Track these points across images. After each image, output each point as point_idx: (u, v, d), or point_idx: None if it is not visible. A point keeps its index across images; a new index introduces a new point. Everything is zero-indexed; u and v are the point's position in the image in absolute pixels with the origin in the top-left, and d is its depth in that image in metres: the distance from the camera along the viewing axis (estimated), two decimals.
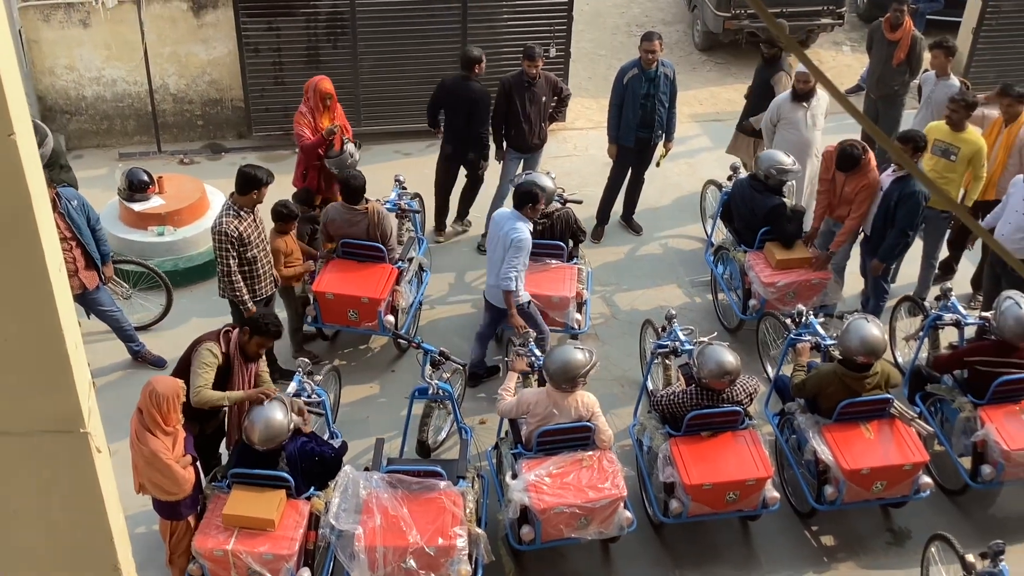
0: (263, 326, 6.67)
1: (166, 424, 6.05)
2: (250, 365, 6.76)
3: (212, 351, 6.56)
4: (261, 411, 6.36)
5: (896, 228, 8.20)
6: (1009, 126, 8.84)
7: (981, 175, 8.74)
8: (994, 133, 8.94)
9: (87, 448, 3.86)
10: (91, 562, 4.23)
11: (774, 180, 8.72)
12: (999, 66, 12.54)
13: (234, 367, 6.66)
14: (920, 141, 8.22)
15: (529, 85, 9.45)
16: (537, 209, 7.93)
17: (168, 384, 6.10)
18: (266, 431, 6.31)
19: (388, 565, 6.16)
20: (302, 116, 8.95)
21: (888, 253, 8.36)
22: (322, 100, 8.94)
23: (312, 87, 8.98)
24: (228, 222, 7.46)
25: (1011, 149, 8.83)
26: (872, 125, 2.69)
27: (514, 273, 7.69)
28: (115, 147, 11.51)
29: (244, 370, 6.72)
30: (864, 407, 7.02)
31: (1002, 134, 8.86)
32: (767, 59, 10.04)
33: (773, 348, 8.45)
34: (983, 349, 7.36)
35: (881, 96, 10.73)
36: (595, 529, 6.56)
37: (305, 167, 9.08)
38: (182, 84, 11.38)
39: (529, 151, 9.78)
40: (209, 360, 6.53)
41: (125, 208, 9.37)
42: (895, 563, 7.14)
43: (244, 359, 6.71)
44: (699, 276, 9.77)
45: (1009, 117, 8.84)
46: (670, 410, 6.98)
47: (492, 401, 7.53)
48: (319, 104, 8.94)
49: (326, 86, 8.97)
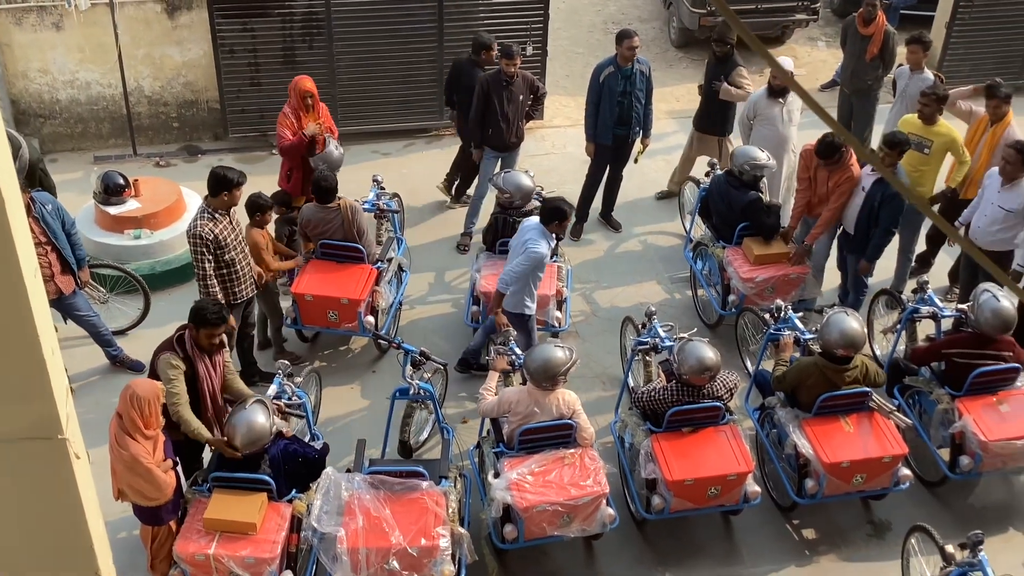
0: (204, 316, 6.56)
1: (146, 428, 6.01)
2: (215, 358, 6.72)
3: (171, 362, 6.51)
4: (243, 415, 6.33)
5: (880, 228, 8.25)
6: (995, 126, 8.90)
7: (966, 160, 8.85)
8: (979, 131, 9.00)
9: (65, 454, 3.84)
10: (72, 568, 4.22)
11: (748, 176, 8.76)
12: (972, 60, 12.66)
13: (198, 368, 6.62)
14: (906, 145, 8.27)
15: (507, 84, 9.46)
16: (564, 227, 7.78)
17: (148, 387, 6.07)
18: (248, 435, 6.29)
19: (371, 566, 6.15)
20: (285, 117, 8.91)
21: (875, 253, 8.42)
22: (303, 99, 8.89)
23: (293, 87, 8.94)
24: (203, 225, 7.42)
25: (995, 148, 8.89)
26: (837, 124, 2.71)
27: (512, 276, 7.59)
28: (90, 150, 11.42)
29: (208, 364, 6.67)
30: (843, 400, 7.06)
31: (987, 133, 8.92)
32: (719, 57, 9.97)
33: (752, 343, 8.48)
34: (960, 341, 7.41)
35: (855, 91, 10.79)
36: (578, 526, 6.58)
37: (289, 168, 9.05)
38: (157, 86, 11.31)
39: (507, 149, 9.79)
40: (172, 372, 6.48)
41: (101, 212, 9.30)
42: (876, 555, 7.18)
43: (204, 354, 6.66)
44: (678, 272, 9.80)
45: (995, 117, 8.90)
46: (651, 407, 7.00)
47: (474, 400, 7.53)
48: (301, 104, 8.90)
49: (306, 85, 8.93)
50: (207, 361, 6.66)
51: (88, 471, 4.14)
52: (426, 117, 11.81)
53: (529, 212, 8.53)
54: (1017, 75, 12.70)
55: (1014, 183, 8.15)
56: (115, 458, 6.03)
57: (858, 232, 8.43)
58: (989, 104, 8.91)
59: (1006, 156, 8.16)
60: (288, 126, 8.87)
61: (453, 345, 8.78)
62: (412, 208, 10.37)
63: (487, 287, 8.19)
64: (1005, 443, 7.05)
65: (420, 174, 11.16)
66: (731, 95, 9.89)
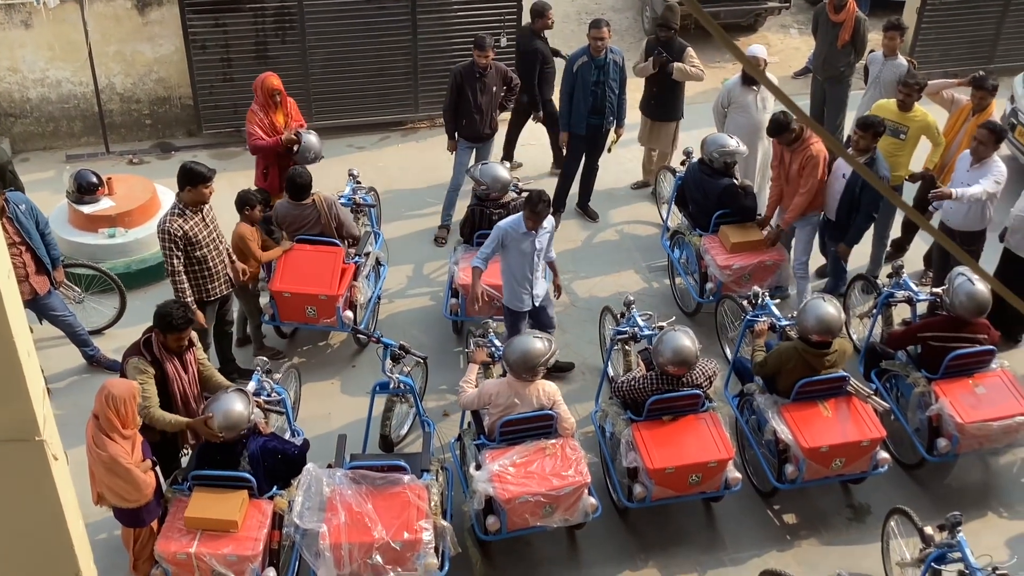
0: (168, 321, 6.50)
1: (124, 428, 5.97)
2: (185, 358, 6.69)
3: (138, 366, 6.47)
4: (221, 402, 6.33)
5: (861, 212, 8.31)
6: (976, 115, 8.97)
7: (940, 141, 8.95)
8: (961, 119, 9.06)
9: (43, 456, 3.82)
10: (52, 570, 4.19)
11: (719, 163, 8.80)
12: (943, 46, 12.75)
13: (167, 369, 6.58)
14: (879, 127, 8.32)
15: (480, 75, 9.45)
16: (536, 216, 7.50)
17: (123, 387, 6.01)
18: (225, 420, 6.27)
19: (354, 562, 6.15)
20: (253, 115, 8.86)
21: (856, 237, 8.49)
22: (270, 97, 8.84)
23: (259, 85, 8.88)
24: (172, 221, 7.38)
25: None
26: (803, 113, 2.72)
27: (482, 254, 7.64)
28: (62, 149, 11.32)
29: (178, 365, 6.63)
30: (821, 385, 7.11)
31: (968, 122, 8.99)
32: (663, 42, 9.92)
33: (731, 330, 8.53)
34: (935, 325, 7.48)
35: (828, 78, 10.83)
36: (560, 516, 6.59)
37: (265, 166, 8.99)
38: (129, 83, 11.21)
39: (481, 140, 9.79)
40: (141, 377, 6.44)
41: (74, 211, 9.22)
42: (856, 538, 7.25)
43: (172, 355, 6.62)
44: (656, 261, 9.82)
45: (979, 108, 8.97)
46: (631, 396, 7.02)
47: (454, 393, 7.53)
48: (268, 101, 8.85)
49: (273, 82, 8.87)
50: (176, 362, 6.62)
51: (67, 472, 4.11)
52: (401, 110, 11.78)
53: (506, 204, 8.53)
54: (987, 60, 12.81)
55: (983, 163, 8.23)
56: (93, 460, 5.98)
57: (839, 218, 8.48)
58: (975, 95, 8.97)
59: (978, 135, 8.24)
60: (258, 123, 8.80)
61: (432, 338, 8.78)
62: (388, 202, 10.34)
63: (465, 279, 8.18)
64: (981, 424, 7.12)
65: (396, 167, 11.14)
66: (686, 74, 9.89)
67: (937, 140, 8.96)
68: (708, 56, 13.30)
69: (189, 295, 7.49)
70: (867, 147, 8.23)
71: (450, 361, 8.56)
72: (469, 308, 8.27)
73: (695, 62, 9.91)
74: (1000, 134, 8.25)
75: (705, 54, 13.35)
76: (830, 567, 6.81)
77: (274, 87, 8.85)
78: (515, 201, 8.58)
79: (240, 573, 6.08)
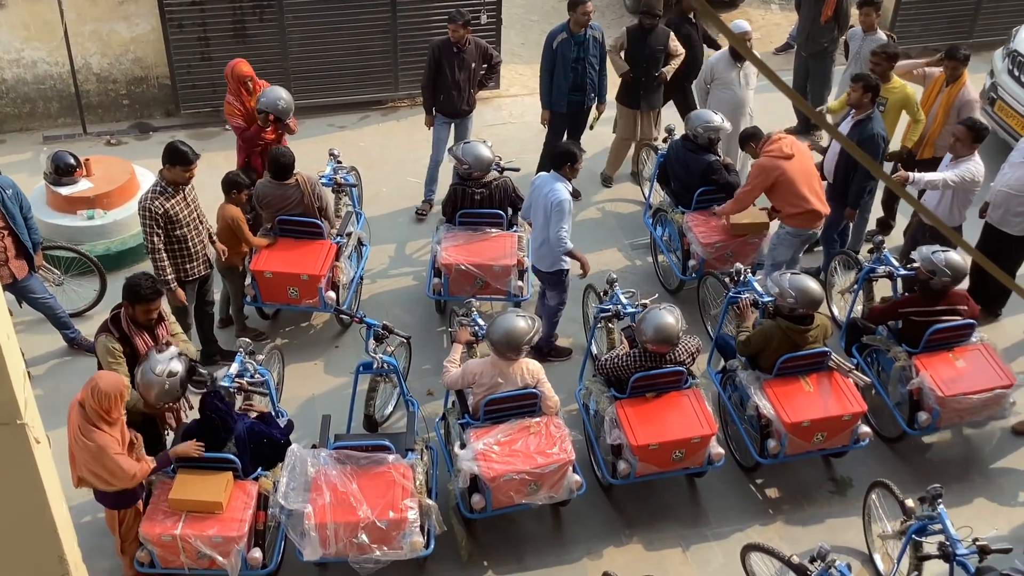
0: (136, 292, 6.46)
1: (110, 416, 5.95)
2: (156, 332, 6.66)
3: (108, 346, 6.46)
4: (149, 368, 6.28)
5: (859, 171, 8.31)
6: (950, 86, 8.99)
7: (920, 118, 8.95)
8: (935, 91, 9.08)
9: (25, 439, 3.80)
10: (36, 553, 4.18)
11: (703, 139, 8.79)
12: (923, 20, 12.75)
13: (136, 344, 6.55)
14: (871, 80, 8.32)
15: (458, 51, 9.39)
16: (576, 169, 7.83)
17: (112, 381, 5.94)
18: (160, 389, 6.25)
19: (340, 541, 6.16)
20: (231, 105, 8.75)
21: (857, 197, 8.49)
22: (242, 84, 8.73)
23: (229, 73, 8.78)
24: (153, 199, 7.34)
25: (951, 109, 8.98)
26: (788, 87, 2.72)
27: (564, 234, 7.71)
28: (39, 130, 11.20)
29: (148, 340, 6.60)
30: (803, 361, 7.15)
31: (942, 93, 9.01)
32: (646, 29, 9.74)
33: (714, 307, 8.55)
34: (915, 299, 7.52)
35: (811, 54, 10.84)
36: (545, 494, 6.62)
37: (247, 154, 8.91)
38: (105, 63, 11.09)
39: (458, 116, 9.74)
40: (110, 357, 6.43)
41: (52, 193, 9.14)
42: (838, 511, 7.31)
43: (141, 330, 6.59)
44: (638, 239, 9.83)
45: (952, 78, 8.99)
46: (615, 373, 7.04)
47: (438, 373, 7.53)
48: (240, 88, 8.73)
49: (243, 69, 8.75)
50: (146, 336, 6.60)
51: (49, 455, 4.10)
52: (381, 89, 11.71)
53: (488, 183, 8.50)
54: (967, 35, 12.83)
55: (960, 160, 8.15)
56: (79, 447, 5.92)
57: (837, 180, 8.51)
58: (948, 65, 8.99)
59: (956, 132, 8.19)
60: (238, 112, 8.70)
61: (416, 318, 8.77)
62: (370, 181, 10.30)
63: (448, 259, 8.17)
64: (961, 398, 7.17)
65: (376, 146, 11.08)
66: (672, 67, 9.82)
67: (916, 116, 8.96)
68: None
69: (169, 273, 7.45)
70: (859, 101, 8.26)
71: (434, 341, 8.56)
72: (453, 287, 8.26)
73: (674, 45, 9.87)
74: (979, 132, 8.07)
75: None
76: (812, 540, 6.87)
77: (244, 74, 8.74)
78: (497, 180, 8.55)
79: (226, 554, 6.08)
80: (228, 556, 6.08)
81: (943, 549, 5.93)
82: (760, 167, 8.24)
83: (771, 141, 8.29)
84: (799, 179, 8.14)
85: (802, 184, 8.14)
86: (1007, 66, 10.65)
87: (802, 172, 8.19)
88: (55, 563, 4.17)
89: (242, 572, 6.19)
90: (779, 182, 8.16)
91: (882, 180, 2.92)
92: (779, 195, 8.22)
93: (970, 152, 8.12)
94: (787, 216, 8.29)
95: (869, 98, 8.30)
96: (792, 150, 8.21)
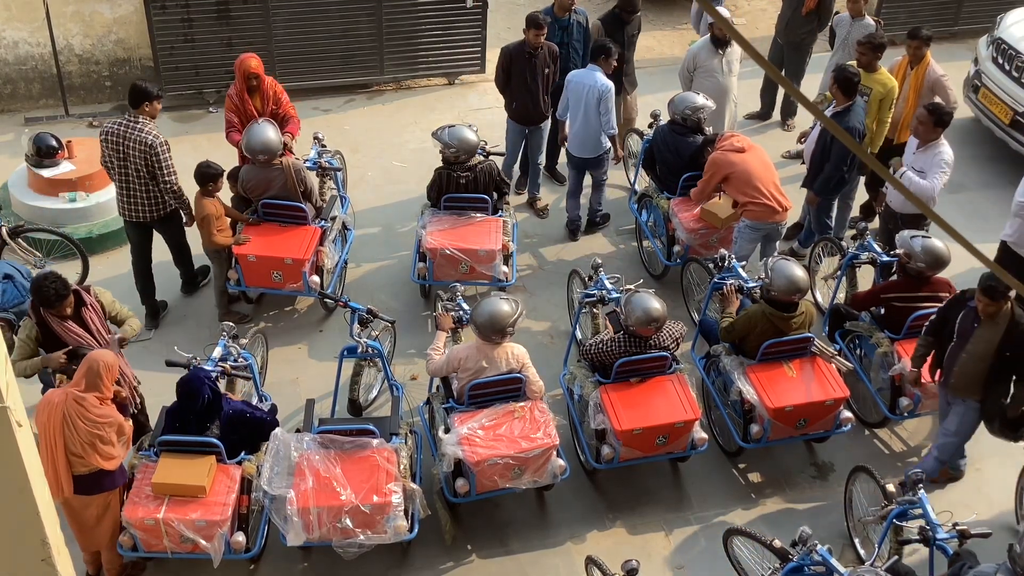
0: (44, 295, 6.38)
1: (106, 392, 5.97)
2: (83, 316, 6.59)
3: (25, 327, 6.56)
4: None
5: (831, 162, 8.36)
6: (915, 68, 9.01)
7: (885, 119, 8.91)
8: (900, 74, 9.09)
9: (7, 422, 3.78)
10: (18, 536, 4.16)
11: (691, 120, 8.80)
12: (909, 6, 12.76)
13: (55, 329, 6.51)
14: (846, 73, 8.32)
15: (530, 56, 9.12)
16: (610, 62, 8.81)
17: (110, 356, 6.04)
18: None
19: (323, 526, 6.16)
20: (229, 99, 8.59)
21: (824, 186, 8.53)
22: (246, 81, 8.46)
23: (237, 67, 8.52)
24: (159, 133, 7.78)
25: (921, 90, 9.00)
26: (779, 74, 2.73)
27: (613, 118, 8.85)
28: (20, 112, 11.10)
29: (72, 325, 6.55)
30: (786, 346, 7.18)
31: (909, 75, 9.03)
32: (627, 24, 9.74)
33: (698, 293, 8.57)
34: (897, 285, 7.55)
35: (788, 42, 10.77)
36: (529, 478, 6.64)
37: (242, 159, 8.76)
38: (87, 44, 10.99)
39: (531, 124, 9.51)
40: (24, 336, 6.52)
41: (34, 175, 9.07)
42: (820, 496, 7.36)
43: (63, 318, 6.53)
44: (623, 224, 9.83)
45: (915, 59, 9.02)
46: (599, 358, 7.06)
47: (422, 357, 7.53)
48: (244, 85, 8.47)
49: (250, 65, 8.43)
50: (69, 323, 6.54)
51: (31, 438, 4.08)
52: (366, 72, 11.64)
53: (473, 167, 8.48)
54: (952, 22, 12.86)
55: (928, 147, 8.13)
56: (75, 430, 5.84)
57: (813, 165, 8.55)
58: (910, 45, 9.02)
59: (919, 116, 8.17)
60: (233, 109, 8.54)
61: (400, 302, 8.76)
62: (355, 165, 10.26)
63: (432, 243, 8.16)
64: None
65: (361, 130, 11.04)
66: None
67: (883, 117, 8.85)
68: (676, 18, 13.29)
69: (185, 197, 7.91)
70: (836, 94, 8.33)
71: (418, 325, 8.55)
72: (438, 272, 8.25)
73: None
74: (941, 116, 8.00)
75: (673, 16, 13.36)
76: (794, 524, 6.87)
77: (251, 70, 8.43)
78: (482, 164, 8.53)
79: (209, 538, 6.07)
80: (211, 540, 6.08)
81: (923, 533, 5.97)
82: (712, 161, 8.36)
83: (723, 138, 8.44)
84: (753, 172, 8.22)
85: (756, 177, 8.21)
86: (991, 54, 10.67)
87: (758, 166, 8.28)
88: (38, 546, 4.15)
89: (225, 556, 6.19)
90: (732, 175, 8.25)
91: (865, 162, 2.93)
92: (733, 188, 8.30)
93: (935, 136, 8.08)
94: (743, 208, 8.31)
95: (841, 92, 8.30)
96: (743, 144, 8.34)
